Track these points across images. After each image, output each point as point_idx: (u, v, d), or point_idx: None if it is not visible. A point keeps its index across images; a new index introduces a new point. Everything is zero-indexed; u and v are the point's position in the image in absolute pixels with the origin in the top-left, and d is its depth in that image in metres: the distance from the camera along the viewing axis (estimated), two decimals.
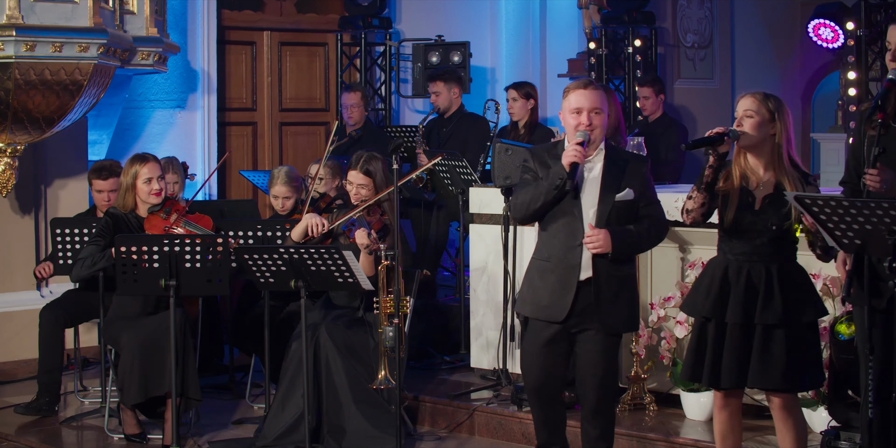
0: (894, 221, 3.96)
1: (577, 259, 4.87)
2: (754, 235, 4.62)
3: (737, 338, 4.60)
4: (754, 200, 4.63)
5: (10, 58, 6.52)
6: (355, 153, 6.37)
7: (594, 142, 4.91)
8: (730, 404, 4.76)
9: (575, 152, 4.78)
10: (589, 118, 4.87)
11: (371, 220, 5.99)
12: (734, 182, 4.67)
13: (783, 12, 11.41)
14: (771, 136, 4.65)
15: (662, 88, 9.05)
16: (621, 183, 4.90)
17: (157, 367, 5.79)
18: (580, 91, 4.92)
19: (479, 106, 9.42)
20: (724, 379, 4.61)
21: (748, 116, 4.64)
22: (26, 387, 7.05)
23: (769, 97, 4.68)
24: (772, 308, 4.55)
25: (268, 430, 5.91)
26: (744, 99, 4.71)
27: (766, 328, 4.57)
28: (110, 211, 6.18)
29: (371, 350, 5.93)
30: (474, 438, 6.21)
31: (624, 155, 5.07)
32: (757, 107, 4.65)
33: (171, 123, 9.08)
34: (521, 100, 8.49)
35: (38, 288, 7.74)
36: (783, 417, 4.69)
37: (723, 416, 4.79)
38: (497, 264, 6.54)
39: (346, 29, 10.15)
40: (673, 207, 5.98)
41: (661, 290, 6.04)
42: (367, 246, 5.82)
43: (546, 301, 4.91)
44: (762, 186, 4.66)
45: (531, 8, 10.86)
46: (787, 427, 4.70)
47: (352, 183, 6.12)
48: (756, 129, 4.63)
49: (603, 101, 4.93)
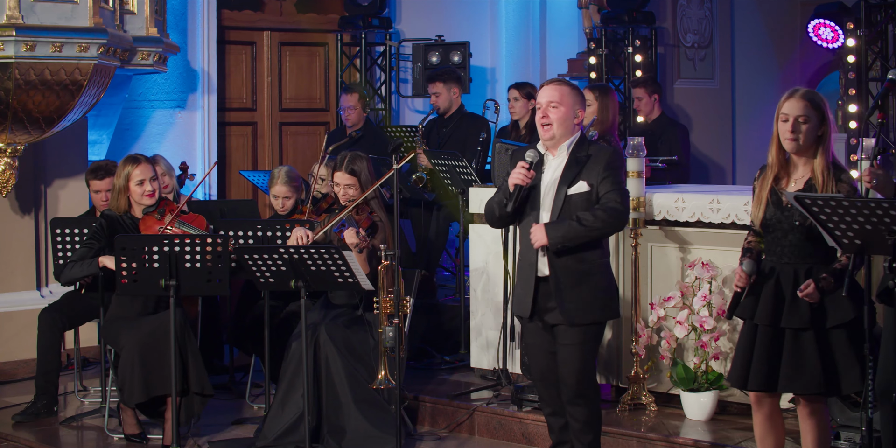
0: (894, 221, 3.96)
1: (534, 257, 4.98)
2: (782, 234, 4.58)
3: (766, 340, 4.57)
4: (780, 198, 4.59)
5: (10, 58, 6.52)
6: (339, 154, 6.37)
7: (554, 137, 4.97)
8: (763, 405, 4.73)
9: (520, 175, 4.88)
10: (545, 112, 4.95)
11: (359, 219, 6.00)
12: (766, 183, 4.64)
13: (783, 12, 11.40)
14: (819, 136, 4.58)
15: (656, 89, 9.04)
16: (577, 176, 4.94)
17: (158, 367, 5.79)
18: (543, 87, 5.04)
19: (479, 106, 9.42)
20: (752, 381, 4.59)
21: (803, 122, 4.53)
22: (26, 387, 7.05)
23: (815, 96, 4.57)
24: (798, 312, 4.51)
25: (268, 430, 5.91)
26: (793, 101, 4.55)
27: (795, 332, 4.53)
28: (105, 213, 6.19)
29: (371, 350, 5.93)
30: (474, 438, 6.21)
31: (589, 149, 5.03)
32: (809, 111, 4.53)
33: (171, 123, 9.08)
34: (522, 100, 8.49)
35: (37, 288, 7.75)
36: (808, 419, 4.67)
37: (759, 417, 4.76)
38: (497, 264, 6.54)
39: (346, 29, 10.15)
40: (673, 207, 5.99)
41: (661, 290, 6.04)
42: (356, 245, 5.83)
43: (520, 298, 5.09)
44: (794, 184, 4.62)
45: (531, 8, 10.86)
46: (809, 426, 4.67)
47: (338, 184, 6.12)
48: (811, 133, 4.55)
49: (563, 95, 4.96)
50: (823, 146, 4.57)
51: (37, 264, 7.74)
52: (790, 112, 4.55)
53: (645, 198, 5.99)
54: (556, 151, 5.01)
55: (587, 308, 4.96)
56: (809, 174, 4.59)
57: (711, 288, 5.80)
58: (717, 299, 5.74)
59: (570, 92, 5.00)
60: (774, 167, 4.64)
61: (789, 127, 4.54)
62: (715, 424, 5.74)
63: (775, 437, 4.77)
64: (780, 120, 4.57)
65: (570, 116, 4.98)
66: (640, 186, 5.92)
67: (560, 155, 5.00)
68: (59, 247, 6.66)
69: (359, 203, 6.03)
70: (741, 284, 4.61)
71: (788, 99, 4.57)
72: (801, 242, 4.55)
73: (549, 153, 5.02)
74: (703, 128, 10.26)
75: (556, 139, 4.98)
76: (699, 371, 5.80)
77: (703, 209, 5.89)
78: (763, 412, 4.75)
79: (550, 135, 4.96)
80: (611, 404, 6.04)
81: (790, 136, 4.54)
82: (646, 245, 6.09)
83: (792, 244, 4.57)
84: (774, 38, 11.28)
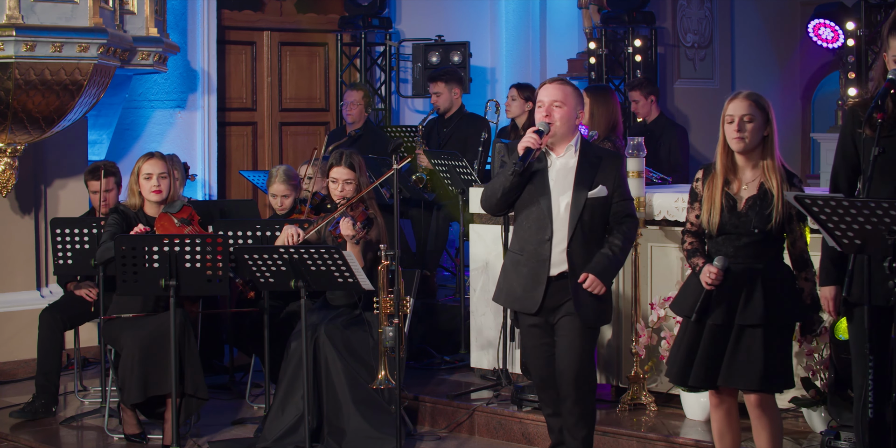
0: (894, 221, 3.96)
1: (546, 253, 4.97)
2: (736, 237, 4.63)
3: (712, 338, 4.61)
4: (736, 203, 4.64)
5: (10, 58, 6.52)
6: (333, 152, 6.37)
7: (556, 134, 5.00)
8: (723, 402, 4.78)
9: (530, 138, 4.91)
10: (549, 110, 4.99)
11: (354, 214, 6.00)
12: (717, 186, 4.66)
13: (783, 12, 11.41)
14: (764, 137, 4.65)
15: (653, 90, 9.04)
16: (594, 179, 4.98)
17: (158, 367, 5.79)
18: (545, 86, 5.08)
19: (479, 106, 9.42)
20: (694, 377, 4.64)
21: (748, 121, 4.60)
22: (25, 387, 7.05)
23: (760, 97, 4.66)
24: (752, 308, 4.56)
25: (268, 431, 5.90)
26: (737, 102, 4.63)
27: (742, 328, 4.58)
28: (119, 208, 6.16)
29: (371, 350, 5.93)
30: (474, 438, 6.21)
31: (598, 151, 5.14)
32: (754, 110, 4.61)
33: (171, 123, 9.08)
34: (519, 100, 8.49)
35: (37, 288, 7.75)
36: (759, 416, 4.70)
37: (718, 414, 4.82)
38: (497, 264, 6.52)
39: (346, 29, 10.15)
40: (673, 207, 6.00)
41: (661, 290, 6.04)
42: (352, 236, 5.83)
43: (519, 293, 5.05)
44: (746, 188, 4.66)
45: (531, 8, 10.87)
46: (762, 426, 4.71)
47: (337, 180, 6.09)
48: (757, 132, 4.62)
49: (567, 95, 5.02)
50: (769, 148, 4.63)
51: (37, 264, 7.74)
52: (735, 112, 4.61)
53: (645, 198, 5.99)
54: (559, 149, 5.04)
55: (603, 310, 5.05)
56: (760, 177, 4.64)
57: None
58: None
59: (573, 92, 5.08)
60: (722, 172, 4.67)
61: (735, 127, 4.60)
62: None
63: (732, 435, 4.82)
64: (726, 122, 4.63)
65: (572, 116, 5.04)
66: (640, 186, 5.92)
67: (566, 154, 5.03)
68: (59, 247, 6.66)
69: (353, 202, 6.03)
70: (717, 283, 4.58)
71: (732, 100, 4.65)
72: (754, 244, 4.60)
73: (549, 150, 5.05)
74: (703, 128, 10.25)
75: (558, 137, 5.02)
76: None
77: None
78: (723, 409, 4.79)
79: (552, 132, 5.00)
80: (611, 404, 6.05)
81: (737, 135, 4.59)
82: (646, 245, 6.09)
83: (746, 245, 4.61)
84: (774, 38, 11.28)
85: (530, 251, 5.02)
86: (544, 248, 4.97)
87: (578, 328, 4.97)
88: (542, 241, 4.97)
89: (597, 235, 5.03)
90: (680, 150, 8.81)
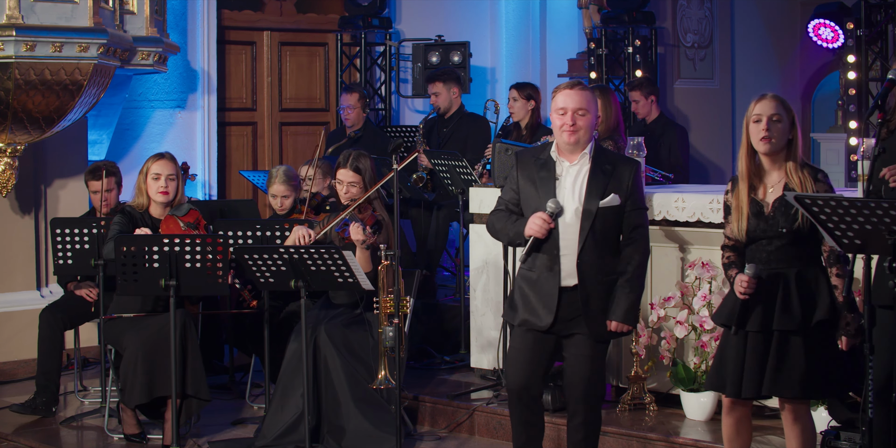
0: (894, 221, 3.96)
1: (557, 266, 4.86)
2: (767, 242, 4.57)
3: (756, 346, 4.55)
4: (763, 208, 4.58)
5: (10, 58, 6.53)
6: (343, 152, 6.37)
7: (579, 143, 4.88)
8: (736, 410, 4.73)
9: (538, 228, 4.80)
10: (573, 118, 4.84)
11: (363, 217, 5.99)
12: (742, 193, 4.62)
13: (783, 12, 11.41)
14: (789, 140, 4.59)
15: (653, 90, 9.04)
16: (606, 188, 4.86)
17: (161, 368, 5.79)
18: (566, 91, 4.88)
19: (479, 106, 9.42)
20: (746, 388, 4.55)
21: (777, 121, 4.54)
22: (26, 387, 7.05)
23: (784, 100, 4.60)
24: (790, 313, 4.50)
25: (267, 430, 5.91)
26: (765, 102, 4.57)
27: (783, 334, 4.51)
28: (126, 209, 6.14)
29: (370, 349, 5.93)
30: (474, 438, 6.21)
31: (612, 158, 4.99)
32: (782, 111, 4.56)
33: (171, 123, 9.08)
34: (521, 100, 8.48)
35: (37, 288, 7.75)
36: (793, 425, 4.66)
37: (729, 420, 4.76)
38: (497, 264, 6.54)
39: (346, 29, 10.15)
40: (673, 207, 5.99)
41: (661, 290, 6.04)
42: (363, 241, 5.82)
43: (532, 307, 4.91)
44: (772, 191, 4.61)
45: (531, 8, 10.86)
46: (794, 433, 4.66)
47: (342, 181, 6.10)
48: (784, 133, 4.56)
49: (589, 102, 4.88)
50: (794, 151, 4.59)
51: (37, 264, 7.74)
52: (763, 112, 4.56)
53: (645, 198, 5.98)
54: (573, 157, 4.91)
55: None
56: (784, 178, 4.59)
57: (711, 288, 5.80)
58: (717, 299, 5.74)
59: (593, 98, 4.93)
60: (746, 177, 4.62)
61: (763, 126, 4.55)
62: (715, 424, 5.73)
63: (742, 441, 4.77)
64: (753, 121, 4.58)
65: (594, 124, 4.93)
66: None
67: (580, 162, 4.91)
68: (59, 247, 6.66)
69: (361, 202, 6.03)
70: (749, 291, 4.52)
71: (759, 101, 4.60)
72: (786, 247, 4.55)
73: (562, 158, 4.93)
74: (703, 128, 10.26)
75: (578, 145, 4.89)
76: (699, 371, 5.80)
77: (703, 209, 5.89)
78: (735, 416, 4.73)
79: (575, 139, 4.86)
80: (611, 404, 6.04)
81: (765, 134, 4.54)
82: None
83: (777, 250, 4.56)
84: (774, 38, 11.28)
85: (541, 265, 4.89)
86: (555, 261, 4.85)
87: (590, 343, 4.88)
88: (554, 255, 4.86)
89: (610, 245, 4.90)
90: (680, 150, 8.81)
